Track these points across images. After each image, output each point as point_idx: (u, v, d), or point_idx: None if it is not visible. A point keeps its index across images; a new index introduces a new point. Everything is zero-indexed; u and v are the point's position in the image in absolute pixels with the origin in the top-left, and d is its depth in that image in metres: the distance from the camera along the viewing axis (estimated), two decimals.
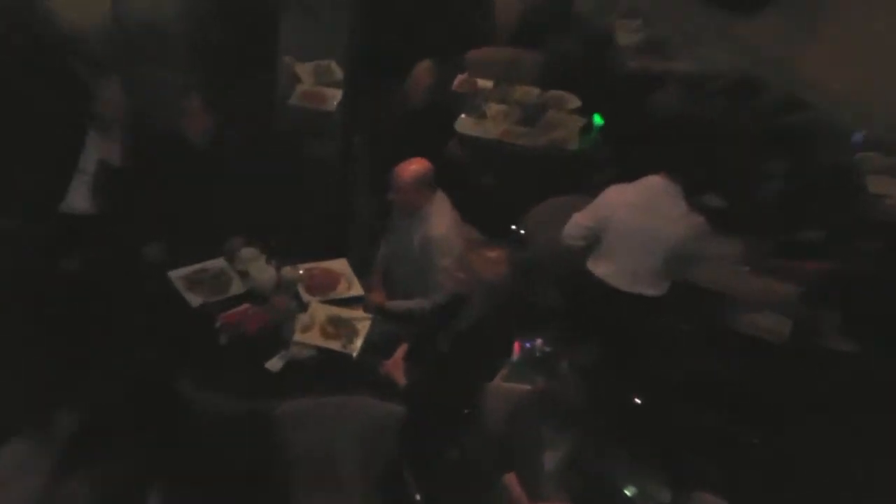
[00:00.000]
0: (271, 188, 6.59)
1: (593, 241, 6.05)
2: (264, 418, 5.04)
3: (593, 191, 6.25)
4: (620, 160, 7.23)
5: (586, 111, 7.78)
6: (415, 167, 5.88)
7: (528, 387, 5.02)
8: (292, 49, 8.15)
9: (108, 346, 5.70)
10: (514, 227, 6.78)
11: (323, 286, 5.92)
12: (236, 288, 5.89)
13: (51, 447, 4.96)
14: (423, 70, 7.49)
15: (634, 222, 5.89)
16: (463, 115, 7.73)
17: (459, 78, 8.21)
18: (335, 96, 7.89)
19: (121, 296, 5.92)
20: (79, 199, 6.39)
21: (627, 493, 4.99)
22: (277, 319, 5.63)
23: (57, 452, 4.94)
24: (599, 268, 6.02)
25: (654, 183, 5.94)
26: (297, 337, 5.52)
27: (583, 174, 7.20)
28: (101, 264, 6.22)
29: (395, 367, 5.45)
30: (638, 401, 5.74)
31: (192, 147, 6.56)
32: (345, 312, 5.71)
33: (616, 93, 8.05)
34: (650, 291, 5.92)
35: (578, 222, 6.06)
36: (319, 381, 5.37)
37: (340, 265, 6.10)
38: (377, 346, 5.59)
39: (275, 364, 5.40)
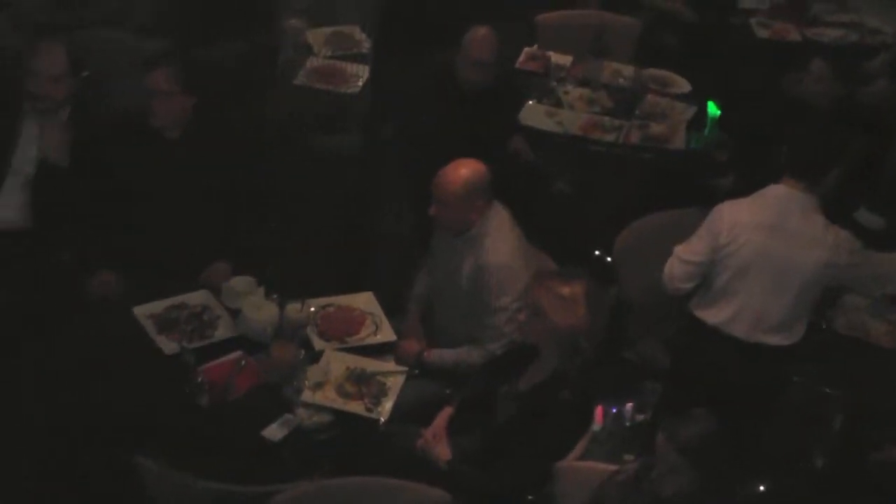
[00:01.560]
0: (270, 197, 6.75)
1: (702, 280, 6.20)
2: None
3: (706, 206, 6.37)
4: (742, 165, 7.33)
5: (697, 98, 7.89)
6: (465, 172, 6.03)
7: (612, 467, 5.14)
8: (301, 9, 8.28)
9: (40, 408, 5.89)
10: (597, 253, 6.92)
11: (341, 329, 6.10)
12: (224, 330, 6.08)
13: None
14: (479, 39, 7.47)
15: (758, 251, 6.02)
16: (531, 102, 7.85)
17: (527, 51, 8.34)
18: (359, 75, 8.03)
19: (60, 340, 6.09)
20: (9, 208, 6.64)
21: None
22: (279, 373, 5.81)
23: None
24: (712, 312, 6.14)
25: (778, 196, 6.08)
26: (306, 397, 5.69)
27: (692, 183, 7.30)
28: (35, 296, 6.45)
29: (437, 437, 5.63)
30: (763, 488, 5.85)
31: (161, 139, 6.75)
32: (370, 364, 5.89)
33: (739, 73, 8.15)
34: (779, 340, 6.04)
35: (683, 258, 6.17)
36: (333, 457, 5.55)
37: (365, 301, 6.28)
38: (413, 410, 5.77)
39: (274, 433, 5.54)
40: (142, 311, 6.14)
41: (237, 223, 6.61)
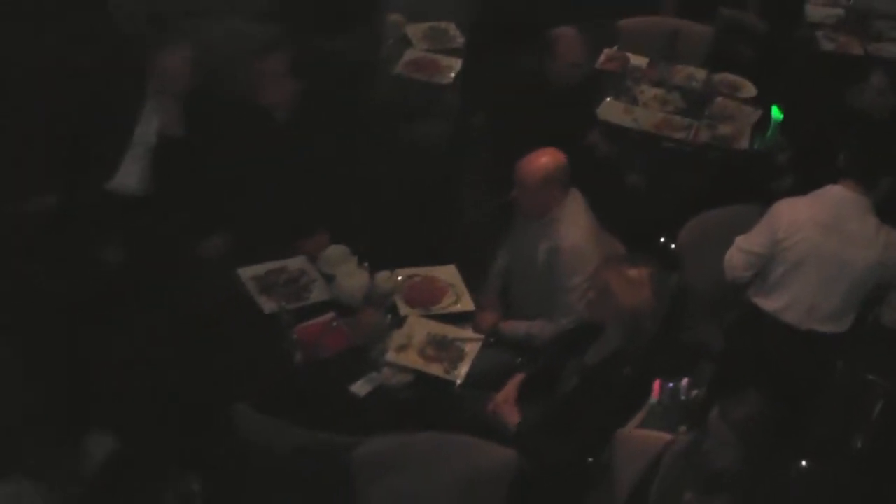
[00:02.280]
0: (366, 175, 6.78)
1: (761, 270, 6.15)
2: (341, 457, 5.23)
3: (765, 203, 6.35)
4: (802, 166, 7.28)
5: (763, 102, 7.85)
6: (545, 161, 6.04)
7: (668, 437, 5.13)
8: (402, 5, 8.32)
9: (153, 356, 5.95)
10: (663, 240, 6.90)
11: (425, 298, 6.14)
12: (319, 293, 6.13)
13: (79, 475, 5.25)
14: (565, 39, 7.45)
15: (814, 246, 5.99)
16: (609, 99, 7.86)
17: (607, 52, 8.34)
18: (452, 67, 8.05)
19: (171, 295, 6.18)
20: (132, 176, 6.70)
21: None
22: (366, 336, 5.85)
23: (82, 485, 5.23)
24: (768, 300, 6.11)
25: (835, 195, 6.04)
26: (390, 357, 5.73)
27: (754, 181, 7.27)
28: (151, 256, 6.49)
29: (507, 402, 5.63)
30: (806, 465, 5.82)
31: (270, 119, 6.80)
32: (450, 331, 5.92)
33: (803, 81, 8.10)
34: (829, 329, 6.01)
35: (744, 248, 6.16)
36: (412, 414, 5.57)
37: (448, 273, 6.30)
38: (486, 375, 5.77)
39: (360, 388, 5.60)
40: (245, 272, 6.20)
41: (335, 198, 6.59)
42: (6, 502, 4.47)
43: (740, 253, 6.12)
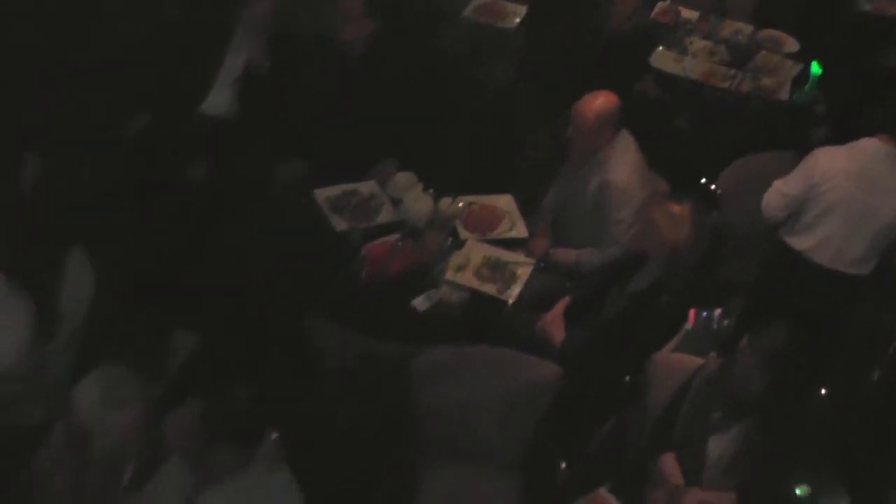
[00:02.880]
0: (432, 109, 6.81)
1: (794, 212, 6.16)
2: (401, 364, 5.32)
3: (801, 151, 6.32)
4: (837, 118, 7.24)
5: (804, 57, 7.80)
6: (600, 103, 6.04)
7: (700, 361, 5.17)
8: None
9: (230, 266, 6.00)
10: (704, 181, 6.90)
11: (483, 223, 6.17)
12: (386, 215, 6.18)
13: (162, 368, 5.36)
14: None
15: (846, 193, 5.94)
16: (660, 49, 7.82)
17: (661, 5, 8.30)
18: (517, 13, 8.03)
19: (250, 213, 6.26)
20: (220, 100, 6.76)
21: (799, 492, 5.14)
22: (428, 256, 5.91)
23: (168, 380, 5.34)
24: (799, 240, 6.11)
25: (870, 147, 5.99)
26: (449, 276, 5.80)
27: (791, 130, 7.24)
28: (232, 175, 6.58)
29: (554, 322, 5.68)
30: (824, 393, 5.84)
31: (346, 55, 6.83)
32: (504, 255, 5.96)
33: (842, 39, 8.02)
34: (853, 271, 6.01)
35: (781, 190, 6.11)
36: (466, 329, 5.64)
37: (505, 202, 6.33)
38: (536, 297, 5.82)
39: (421, 303, 5.67)
40: (321, 193, 6.25)
41: (405, 129, 6.64)
42: (110, 381, 4.57)
43: (777, 195, 6.09)
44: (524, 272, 5.90)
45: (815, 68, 7.60)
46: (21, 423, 4.96)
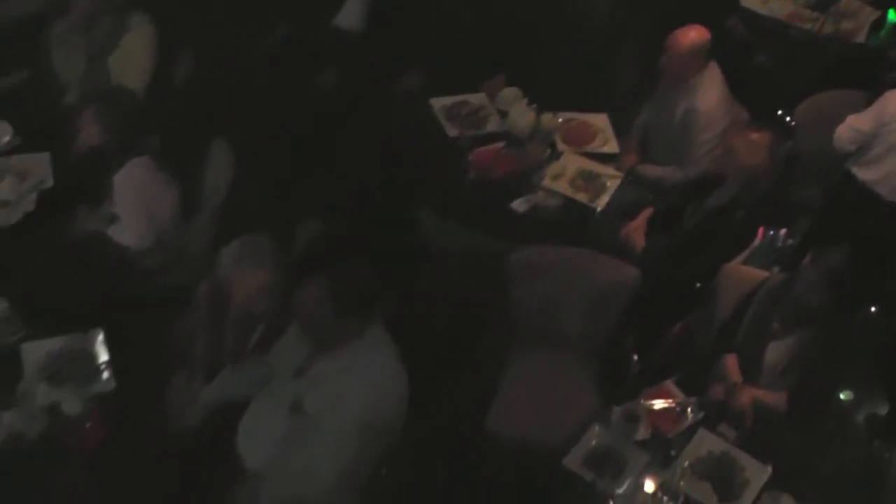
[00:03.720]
0: (540, 32, 6.78)
1: (863, 146, 6.07)
2: (498, 259, 5.38)
3: (872, 92, 6.22)
4: None
5: (882, 5, 7.61)
6: (694, 35, 5.98)
7: (765, 274, 5.16)
8: None
9: (357, 161, 6.11)
10: (781, 113, 6.82)
11: (579, 138, 6.15)
12: (493, 125, 6.17)
13: (292, 246, 5.46)
14: None
15: None
16: None
17: None
18: None
19: (374, 117, 6.31)
20: (352, 15, 6.70)
21: (843, 396, 5.15)
22: (529, 164, 5.93)
23: (298, 252, 5.44)
24: (865, 172, 6.02)
25: None
26: (546, 183, 5.82)
27: (865, 72, 7.11)
28: (358, 83, 6.57)
29: (637, 230, 5.72)
30: (874, 310, 5.81)
31: None
32: (597, 167, 5.96)
33: None
34: None
35: (854, 126, 6.00)
36: (558, 232, 5.68)
37: (600, 120, 6.30)
38: (622, 207, 5.84)
39: (520, 205, 5.72)
40: (436, 102, 6.27)
41: (515, 47, 6.62)
42: (248, 249, 4.66)
43: (849, 129, 6.00)
44: (613, 184, 5.91)
45: (892, 16, 7.39)
46: (169, 286, 5.08)
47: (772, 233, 5.56)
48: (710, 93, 6.04)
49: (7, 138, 5.76)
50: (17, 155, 5.70)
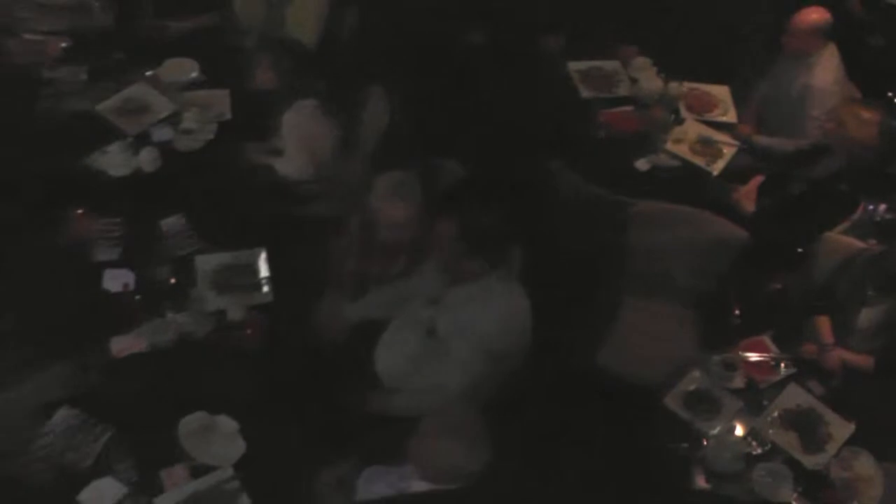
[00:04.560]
0: (673, 7, 6.65)
1: None
2: (619, 208, 5.34)
3: None
4: None
5: None
6: (815, 17, 5.85)
7: (861, 245, 5.04)
8: None
9: (499, 114, 6.05)
10: (891, 94, 6.59)
11: (701, 106, 6.07)
12: (623, 90, 6.12)
13: (435, 185, 5.47)
14: None
15: None
16: None
17: None
18: None
19: (516, 75, 6.22)
20: None
21: None
22: (654, 126, 5.86)
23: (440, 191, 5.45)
24: None
25: None
26: (668, 146, 5.76)
27: None
28: (504, 43, 6.52)
29: (748, 195, 5.61)
30: None
31: None
32: (715, 135, 5.88)
33: None
34: None
35: None
36: (676, 191, 5.60)
37: (721, 91, 6.19)
38: (735, 172, 5.75)
39: (642, 164, 5.68)
40: (573, 65, 6.25)
41: (647, 20, 6.52)
42: (396, 184, 4.73)
43: None
44: (729, 151, 5.82)
45: None
46: (325, 214, 5.15)
47: (871, 206, 5.41)
48: (826, 71, 5.89)
49: (194, 74, 5.87)
50: (201, 90, 5.80)
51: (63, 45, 5.96)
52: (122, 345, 4.49)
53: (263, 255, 4.90)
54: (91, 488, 4.00)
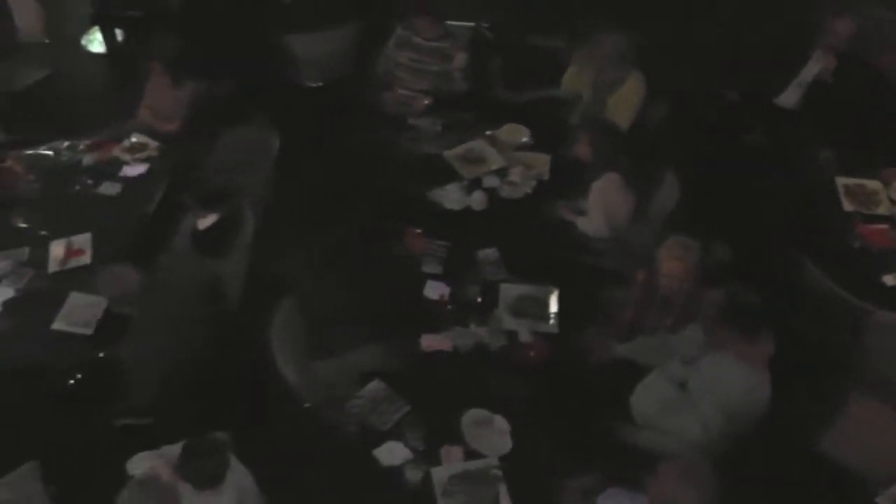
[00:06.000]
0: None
1: None
2: (861, 315, 4.97)
3: None
4: None
5: None
6: None
7: None
8: None
9: (761, 207, 5.81)
10: None
11: None
12: (882, 209, 5.67)
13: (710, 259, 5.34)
14: None
15: None
16: None
17: None
18: None
19: (783, 176, 5.93)
20: (792, 97, 6.33)
21: None
22: None
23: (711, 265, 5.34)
24: None
25: None
26: None
27: None
28: (785, 151, 6.23)
29: None
30: None
31: None
32: None
33: None
34: None
35: None
36: None
37: None
38: None
39: (890, 279, 5.21)
40: (841, 180, 5.83)
41: None
42: (683, 249, 4.70)
43: None
44: None
45: None
46: (612, 268, 5.20)
47: None
48: None
49: (525, 139, 6.10)
50: (529, 151, 6.02)
51: (426, 101, 6.36)
52: (431, 342, 4.79)
53: (556, 294, 5.06)
54: (385, 447, 4.30)
